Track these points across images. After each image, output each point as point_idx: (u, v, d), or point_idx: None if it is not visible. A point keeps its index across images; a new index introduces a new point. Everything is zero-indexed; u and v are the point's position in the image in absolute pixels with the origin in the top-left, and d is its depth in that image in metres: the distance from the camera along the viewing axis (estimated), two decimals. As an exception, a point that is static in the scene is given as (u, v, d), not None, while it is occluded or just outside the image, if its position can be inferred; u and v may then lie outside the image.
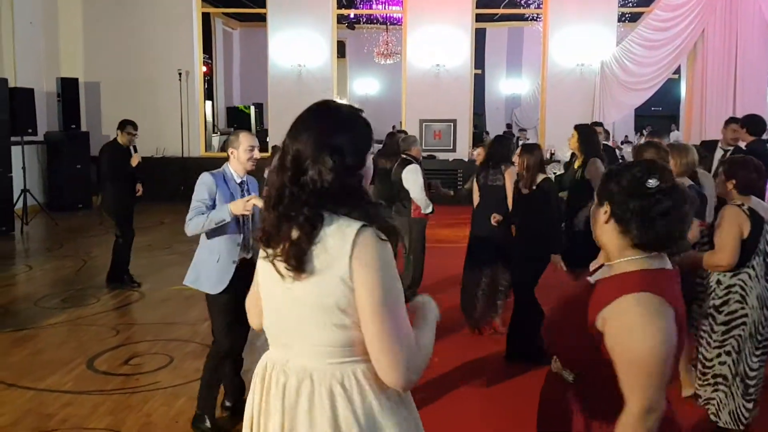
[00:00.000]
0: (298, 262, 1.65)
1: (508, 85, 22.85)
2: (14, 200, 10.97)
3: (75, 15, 14.39)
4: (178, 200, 10.54)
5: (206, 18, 16.71)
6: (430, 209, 6.56)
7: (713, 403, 3.82)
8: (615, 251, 1.86)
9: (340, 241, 1.64)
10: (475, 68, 15.51)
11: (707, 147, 7.16)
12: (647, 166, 1.85)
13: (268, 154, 12.96)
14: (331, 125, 1.72)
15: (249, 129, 18.65)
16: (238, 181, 3.92)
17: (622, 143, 17.24)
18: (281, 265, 1.69)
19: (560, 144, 13.52)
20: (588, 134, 5.83)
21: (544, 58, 14.59)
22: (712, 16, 13.93)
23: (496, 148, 5.88)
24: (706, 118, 13.97)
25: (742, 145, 6.85)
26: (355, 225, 1.65)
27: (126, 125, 7.35)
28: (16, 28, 12.44)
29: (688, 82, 15.05)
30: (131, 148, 7.35)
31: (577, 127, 5.87)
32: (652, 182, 1.78)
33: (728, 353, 3.74)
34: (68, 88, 13.14)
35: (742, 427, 3.74)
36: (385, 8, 17.91)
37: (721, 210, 3.74)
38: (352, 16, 18.66)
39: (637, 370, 1.68)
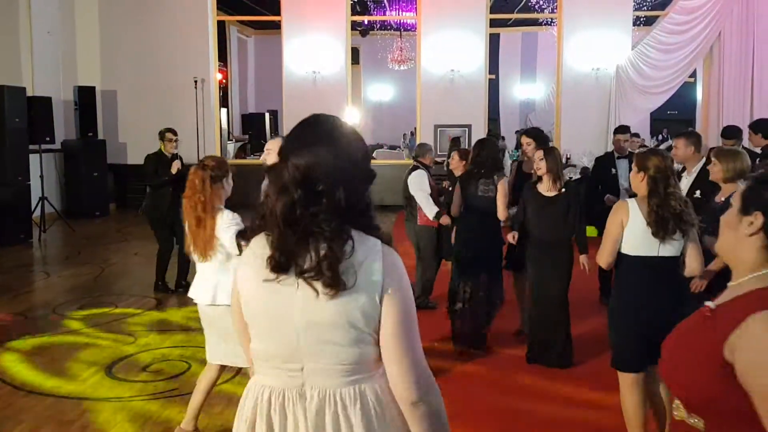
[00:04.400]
0: (335, 277, 1.58)
1: (522, 90, 22.78)
2: (32, 208, 11.07)
3: (92, 24, 14.51)
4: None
5: (221, 26, 16.80)
6: (433, 215, 6.34)
7: None
8: (748, 268, 1.60)
9: (369, 257, 1.63)
10: (489, 73, 15.48)
11: None
12: None
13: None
14: (344, 139, 1.69)
15: (264, 137, 18.71)
16: None
17: (640, 147, 17.12)
18: (317, 284, 1.60)
19: (576, 149, 13.47)
20: (542, 137, 5.96)
21: (559, 62, 14.53)
22: (728, 19, 13.83)
23: (487, 153, 5.60)
24: (723, 122, 13.80)
25: (757, 149, 6.80)
26: (378, 242, 1.67)
27: (164, 133, 7.52)
28: (33, 37, 12.56)
29: (705, 85, 14.92)
30: (175, 155, 7.42)
31: (529, 133, 6.05)
32: None
33: None
34: (85, 97, 13.27)
35: None
36: (398, 14, 17.93)
37: None
38: (366, 22, 18.70)
39: None
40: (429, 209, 6.37)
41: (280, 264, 1.62)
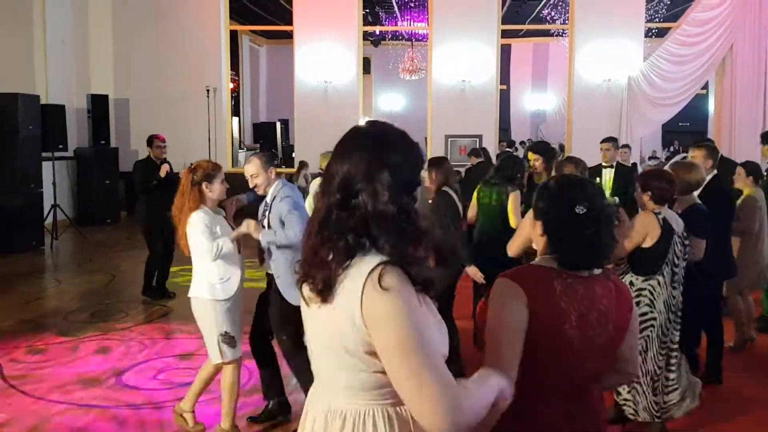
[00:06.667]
0: (324, 286, 1.55)
1: (533, 101, 22.78)
2: (44, 215, 11.13)
3: (105, 33, 14.63)
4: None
5: (234, 35, 16.91)
6: None
7: (629, 404, 4.05)
8: (540, 255, 2.08)
9: (356, 277, 1.53)
10: (501, 84, 15.49)
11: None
12: (577, 191, 2.00)
13: (294, 169, 13.11)
14: (385, 142, 1.63)
15: (275, 145, 18.78)
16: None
17: (649, 158, 17.10)
18: (306, 288, 1.63)
19: (586, 160, 13.39)
20: (550, 152, 6.19)
21: (571, 73, 14.51)
22: (740, 31, 13.79)
23: (506, 164, 5.71)
24: (736, 133, 13.78)
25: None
26: (372, 263, 1.53)
27: (153, 140, 7.55)
28: (48, 46, 12.67)
29: (717, 97, 14.87)
30: (163, 161, 7.42)
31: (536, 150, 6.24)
32: (581, 209, 1.94)
33: (638, 353, 3.84)
34: (98, 105, 13.34)
35: (657, 420, 4.04)
36: (410, 24, 17.99)
37: (639, 215, 4.04)
38: (377, 32, 18.77)
39: (489, 340, 1.89)
40: None
41: (300, 278, 1.67)
